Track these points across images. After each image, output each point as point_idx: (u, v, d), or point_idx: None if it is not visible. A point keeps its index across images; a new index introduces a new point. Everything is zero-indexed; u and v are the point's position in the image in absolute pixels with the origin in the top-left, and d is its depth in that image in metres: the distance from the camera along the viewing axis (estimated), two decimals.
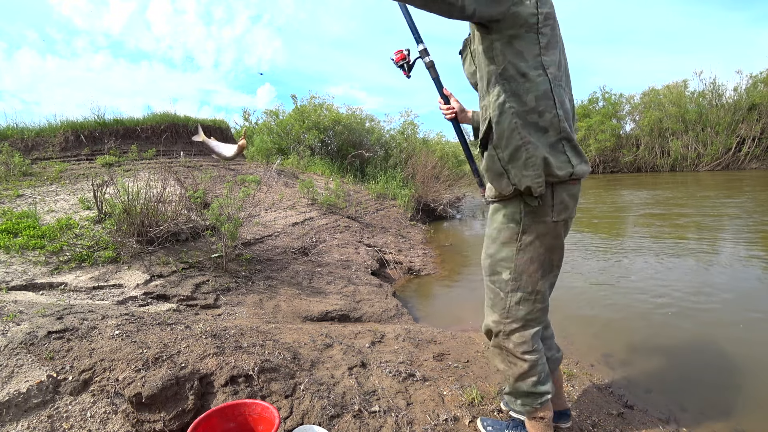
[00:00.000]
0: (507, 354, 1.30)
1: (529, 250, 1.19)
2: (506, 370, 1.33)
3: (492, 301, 1.30)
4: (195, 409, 1.44)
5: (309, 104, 12.17)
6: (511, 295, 1.23)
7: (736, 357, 2.35)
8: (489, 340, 1.36)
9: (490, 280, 1.28)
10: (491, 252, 1.25)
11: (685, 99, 20.89)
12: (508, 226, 1.20)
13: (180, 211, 3.63)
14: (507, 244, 1.21)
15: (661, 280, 3.73)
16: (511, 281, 1.22)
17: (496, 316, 1.28)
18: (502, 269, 1.23)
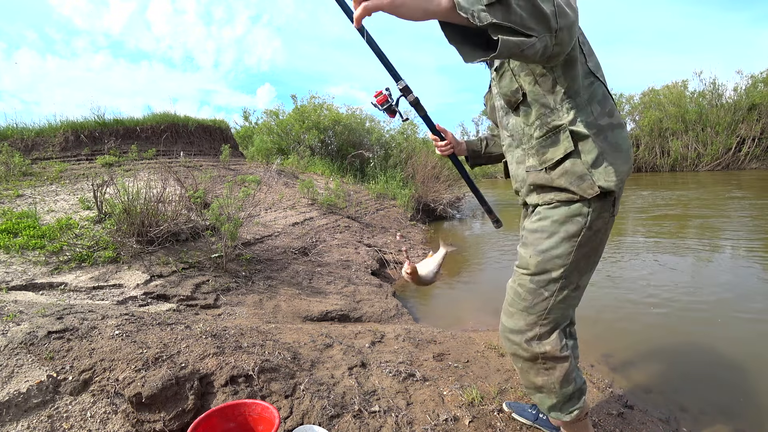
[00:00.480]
0: (544, 361, 1.22)
1: (587, 245, 1.15)
2: (547, 380, 1.24)
3: (529, 303, 1.20)
4: (195, 409, 1.44)
5: (309, 104, 12.17)
6: (557, 294, 1.17)
7: (737, 357, 2.35)
8: (514, 352, 1.25)
9: (534, 280, 1.18)
10: (544, 248, 1.16)
11: (685, 99, 20.90)
12: (574, 220, 1.14)
13: (180, 211, 3.63)
14: (568, 239, 1.14)
15: (662, 280, 3.73)
16: (561, 279, 1.16)
17: (532, 317, 1.20)
18: (553, 267, 1.15)
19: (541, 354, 1.21)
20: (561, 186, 1.14)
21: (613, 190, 1.10)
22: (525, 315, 1.21)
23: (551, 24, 0.80)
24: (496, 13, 0.74)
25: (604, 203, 1.14)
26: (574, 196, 1.13)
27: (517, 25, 0.76)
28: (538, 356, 1.22)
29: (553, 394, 1.26)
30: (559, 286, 1.17)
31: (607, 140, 1.12)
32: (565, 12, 0.83)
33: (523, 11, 0.76)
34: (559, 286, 1.17)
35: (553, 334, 1.21)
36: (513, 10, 0.75)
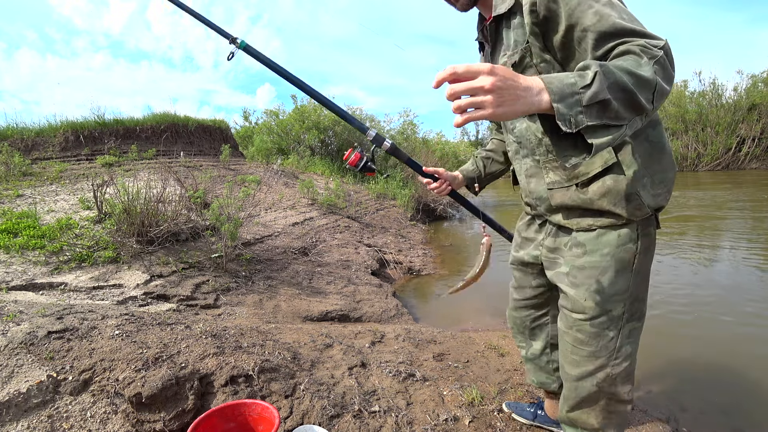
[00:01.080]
0: (608, 404, 1.11)
1: (642, 270, 1.03)
2: (606, 423, 1.13)
3: (596, 347, 1.06)
4: (195, 409, 1.44)
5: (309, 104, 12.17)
6: (623, 329, 1.05)
7: (737, 357, 2.35)
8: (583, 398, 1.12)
9: (596, 323, 1.04)
10: (600, 287, 1.01)
11: (684, 99, 20.91)
12: (625, 247, 1.00)
13: (180, 211, 3.63)
14: (623, 271, 1.01)
15: (662, 280, 3.73)
16: (625, 314, 1.04)
17: (601, 360, 1.07)
18: (614, 304, 1.02)
19: (610, 395, 1.10)
20: (603, 209, 0.98)
21: (664, 206, 0.99)
22: (594, 359, 1.08)
23: (647, 110, 0.73)
24: (592, 113, 0.67)
25: (650, 220, 1.02)
26: (620, 219, 0.98)
27: (612, 120, 0.69)
28: (606, 397, 1.11)
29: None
30: (625, 321, 1.06)
31: (649, 140, 0.97)
32: (664, 90, 0.74)
33: (620, 105, 0.69)
34: (624, 321, 1.06)
35: (625, 373, 1.10)
36: (611, 107, 0.68)
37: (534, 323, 1.41)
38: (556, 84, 0.66)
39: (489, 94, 0.61)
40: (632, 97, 0.70)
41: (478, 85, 0.61)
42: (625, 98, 0.69)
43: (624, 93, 0.69)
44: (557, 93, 0.66)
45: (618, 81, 0.68)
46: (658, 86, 0.72)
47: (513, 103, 0.63)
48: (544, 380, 1.48)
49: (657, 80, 0.71)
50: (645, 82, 0.70)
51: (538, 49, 0.92)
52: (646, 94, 0.71)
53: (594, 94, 0.66)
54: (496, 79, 0.61)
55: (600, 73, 0.67)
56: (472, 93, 0.62)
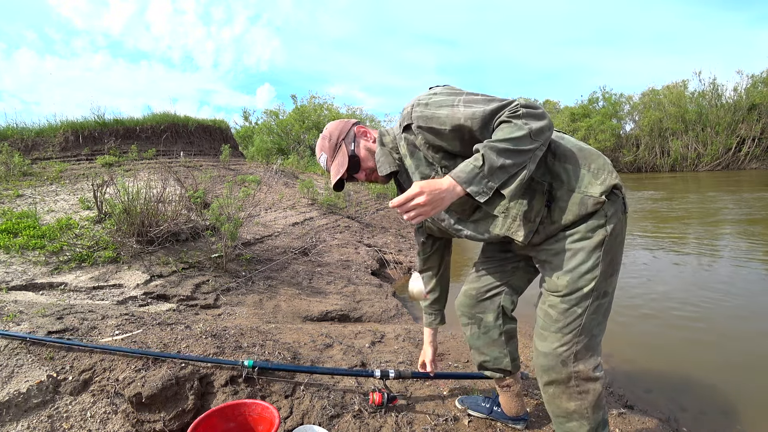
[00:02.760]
0: (577, 384, 1.18)
1: (611, 252, 1.14)
2: (580, 405, 1.19)
3: (563, 322, 1.16)
4: (195, 409, 1.44)
5: (309, 104, 12.19)
6: (590, 307, 1.15)
7: (737, 357, 2.35)
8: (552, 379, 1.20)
9: (567, 300, 1.15)
10: (572, 266, 1.13)
11: (685, 99, 20.92)
12: (595, 232, 1.12)
13: (180, 211, 3.63)
14: (593, 251, 1.12)
15: (662, 280, 3.73)
16: (593, 291, 1.13)
17: (567, 337, 1.16)
18: (584, 283, 1.13)
19: (575, 374, 1.17)
20: (570, 221, 1.13)
21: (616, 183, 1.11)
22: (561, 336, 1.18)
23: (535, 147, 0.99)
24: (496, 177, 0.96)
25: (615, 205, 1.13)
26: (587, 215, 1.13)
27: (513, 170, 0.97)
28: (572, 376, 1.18)
29: (585, 420, 1.21)
30: (592, 298, 1.14)
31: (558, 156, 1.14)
32: (539, 128, 0.98)
33: (512, 159, 0.96)
34: (592, 299, 1.14)
35: (587, 350, 1.18)
36: (506, 165, 0.96)
37: (486, 294, 1.46)
38: (462, 176, 0.97)
39: (425, 206, 0.96)
40: (516, 151, 0.96)
41: (416, 203, 0.96)
42: (512, 154, 0.96)
43: (509, 152, 0.96)
44: (465, 181, 0.96)
45: (501, 148, 0.96)
46: (532, 131, 0.97)
47: (441, 202, 0.97)
48: (497, 355, 1.49)
49: (529, 128, 0.97)
50: (519, 138, 0.96)
51: (440, 158, 1.16)
52: (525, 142, 0.97)
53: (490, 166, 0.95)
54: (426, 194, 0.95)
55: (486, 151, 0.95)
56: (414, 208, 0.97)
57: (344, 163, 1.23)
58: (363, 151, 1.27)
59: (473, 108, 1.04)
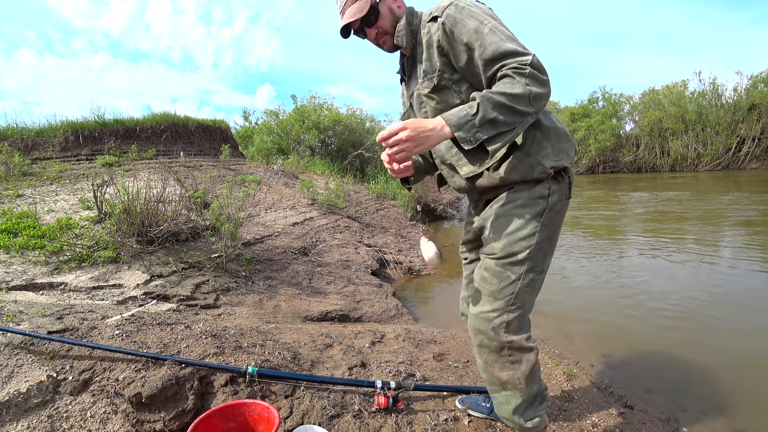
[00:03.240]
0: (510, 352, 1.19)
1: (549, 226, 1.18)
2: (512, 375, 1.20)
3: (497, 286, 1.18)
4: (195, 409, 1.44)
5: (309, 104, 12.18)
6: (524, 276, 1.16)
7: (737, 357, 2.35)
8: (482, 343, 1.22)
9: (501, 263, 1.17)
10: (510, 230, 1.16)
11: (684, 99, 20.89)
12: (536, 201, 1.16)
13: (180, 211, 3.63)
14: (531, 220, 1.16)
15: (662, 280, 3.73)
16: (527, 260, 1.15)
17: (499, 303, 1.18)
18: (520, 249, 1.15)
19: (508, 343, 1.18)
20: (515, 180, 1.17)
21: (566, 166, 1.17)
22: (492, 300, 1.19)
23: (530, 111, 1.00)
24: (486, 129, 0.97)
25: (561, 185, 1.19)
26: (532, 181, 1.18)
27: (503, 128, 0.98)
28: (505, 346, 1.19)
29: (518, 392, 1.22)
30: (525, 268, 1.17)
31: (541, 126, 1.17)
32: (538, 94, 0.99)
33: (505, 117, 0.97)
34: (525, 268, 1.17)
35: (519, 322, 1.19)
36: (498, 121, 0.97)
37: None
38: (453, 119, 0.98)
39: (407, 142, 0.97)
40: (512, 109, 0.97)
41: (398, 138, 0.97)
42: (507, 111, 0.97)
43: (504, 108, 0.96)
44: (455, 124, 0.97)
45: (497, 102, 0.96)
46: (531, 94, 0.98)
47: (425, 141, 0.98)
48: None
49: (529, 90, 0.97)
50: (518, 96, 0.97)
51: (449, 74, 1.17)
52: (522, 104, 0.97)
53: (482, 116, 0.96)
54: (410, 130, 0.97)
55: (482, 101, 0.96)
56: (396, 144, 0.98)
57: (364, 9, 1.18)
58: (385, 10, 1.22)
59: (493, 37, 1.03)
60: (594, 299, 3.38)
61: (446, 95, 1.19)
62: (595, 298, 3.42)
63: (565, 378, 2.07)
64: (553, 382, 2.03)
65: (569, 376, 2.10)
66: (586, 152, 22.62)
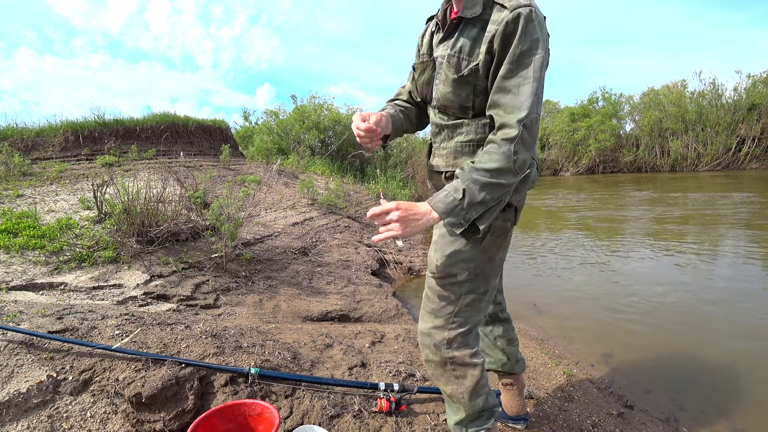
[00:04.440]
0: (453, 368, 1.19)
1: (490, 251, 1.16)
2: (456, 389, 1.20)
3: (437, 305, 1.19)
4: (195, 409, 1.44)
5: (309, 104, 12.18)
6: (463, 297, 1.16)
7: (737, 357, 2.35)
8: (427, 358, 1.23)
9: (441, 283, 1.18)
10: (450, 252, 1.15)
11: (684, 99, 20.91)
12: None
13: (180, 211, 3.63)
14: (472, 243, 1.14)
15: (662, 280, 3.73)
16: (467, 282, 1.15)
17: (439, 321, 1.18)
18: (459, 270, 1.15)
19: (450, 359, 1.18)
20: None
21: (514, 205, 1.17)
22: (433, 318, 1.20)
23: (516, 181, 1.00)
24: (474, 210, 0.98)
25: (506, 213, 1.17)
26: None
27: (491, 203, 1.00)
28: (447, 361, 1.19)
29: (462, 405, 1.21)
30: (465, 289, 1.16)
31: None
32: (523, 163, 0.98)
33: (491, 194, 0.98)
34: (464, 289, 1.16)
35: (462, 338, 1.18)
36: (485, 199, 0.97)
37: None
38: (440, 206, 0.98)
39: (398, 222, 0.96)
40: (498, 185, 0.98)
41: (389, 218, 0.97)
42: (493, 188, 0.97)
43: (490, 186, 0.97)
44: (443, 212, 0.97)
45: (483, 183, 0.96)
46: (517, 163, 0.97)
47: (414, 224, 0.97)
48: (500, 357, 1.54)
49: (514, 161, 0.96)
50: (503, 171, 0.97)
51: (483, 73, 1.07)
52: (508, 176, 0.98)
53: (470, 201, 0.96)
54: (401, 212, 0.96)
55: (468, 184, 0.96)
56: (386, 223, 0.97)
57: None
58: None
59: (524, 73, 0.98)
60: (594, 299, 3.39)
61: (463, 89, 1.11)
62: (595, 298, 3.42)
63: (565, 378, 2.07)
64: (553, 382, 2.03)
65: (569, 376, 2.10)
66: (586, 152, 22.63)
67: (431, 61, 1.21)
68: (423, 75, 1.24)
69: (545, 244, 5.48)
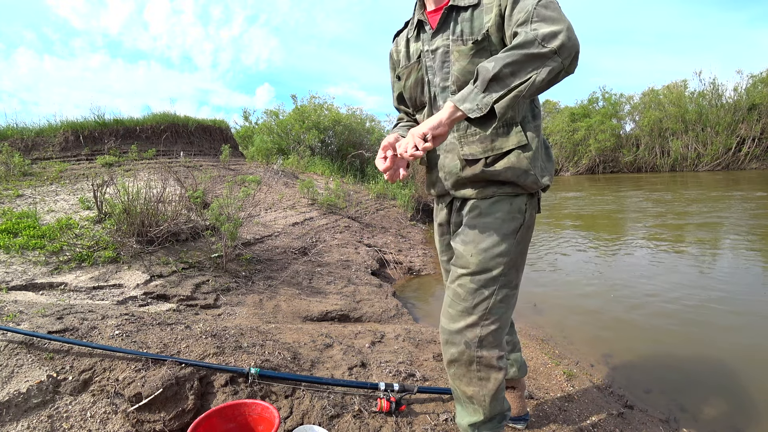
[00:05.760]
0: (478, 369, 1.16)
1: (522, 242, 1.17)
2: (479, 391, 1.17)
3: (470, 302, 1.15)
4: (195, 409, 1.44)
5: (309, 104, 12.18)
6: (497, 292, 1.14)
7: (737, 357, 2.35)
8: (453, 357, 1.18)
9: (474, 279, 1.14)
10: (486, 246, 1.13)
11: (684, 99, 20.91)
12: (514, 216, 1.15)
13: (180, 211, 3.63)
14: (508, 236, 1.13)
15: (662, 280, 3.73)
16: (501, 276, 1.13)
17: (473, 318, 1.14)
18: (495, 265, 1.12)
19: (478, 358, 1.15)
20: (507, 179, 1.13)
21: (549, 185, 1.17)
22: (466, 316, 1.15)
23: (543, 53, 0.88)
24: (494, 89, 0.89)
25: (534, 201, 1.19)
26: (517, 190, 1.16)
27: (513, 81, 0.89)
28: (474, 360, 1.15)
29: (481, 408, 1.19)
30: (500, 284, 1.14)
31: (543, 140, 1.19)
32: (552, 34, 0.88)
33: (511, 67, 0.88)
34: (499, 284, 1.14)
35: (494, 338, 1.15)
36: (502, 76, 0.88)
37: None
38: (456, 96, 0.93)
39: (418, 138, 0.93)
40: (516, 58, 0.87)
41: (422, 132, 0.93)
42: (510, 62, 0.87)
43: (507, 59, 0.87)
44: (459, 99, 0.92)
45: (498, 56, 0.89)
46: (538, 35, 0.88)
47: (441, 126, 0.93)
48: None
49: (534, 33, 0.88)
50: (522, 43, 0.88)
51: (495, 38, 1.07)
52: (532, 47, 0.88)
53: (483, 78, 0.89)
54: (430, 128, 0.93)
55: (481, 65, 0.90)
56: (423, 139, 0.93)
57: None
58: None
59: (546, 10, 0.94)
60: (594, 299, 3.39)
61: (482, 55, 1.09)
62: (595, 298, 3.42)
63: (565, 378, 2.07)
64: (553, 382, 2.03)
65: (569, 376, 2.10)
66: (586, 152, 22.63)
67: (416, 62, 1.23)
68: (410, 78, 1.25)
69: (545, 244, 5.49)
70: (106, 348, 1.57)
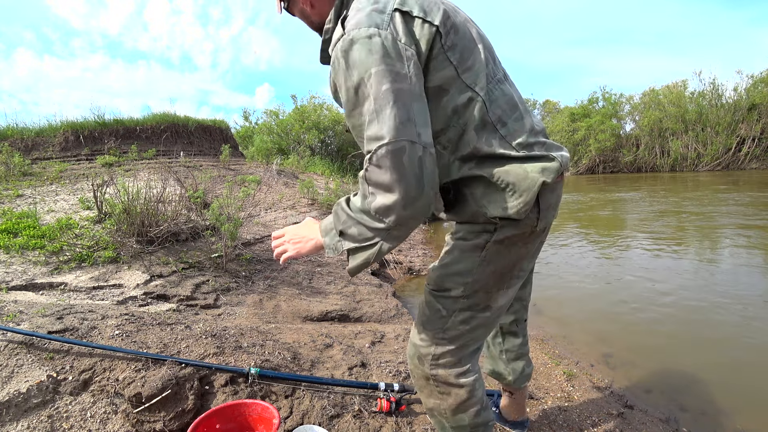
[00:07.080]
0: (436, 384, 1.10)
1: (495, 262, 1.00)
2: (438, 404, 1.12)
3: (427, 318, 1.08)
4: (195, 409, 1.44)
5: (309, 104, 12.19)
6: (456, 314, 1.05)
7: (737, 357, 2.35)
8: (413, 368, 1.14)
9: (434, 294, 1.07)
10: (445, 263, 1.05)
11: (684, 99, 20.92)
12: (478, 234, 1.00)
13: (180, 211, 3.63)
14: (469, 254, 1.00)
15: (662, 280, 3.73)
16: (462, 298, 1.03)
17: (428, 334, 1.08)
18: (453, 285, 1.03)
19: (433, 376, 1.09)
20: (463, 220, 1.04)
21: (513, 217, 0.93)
22: (421, 329, 1.10)
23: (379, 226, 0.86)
24: (347, 240, 0.90)
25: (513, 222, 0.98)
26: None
27: (359, 243, 0.89)
28: (430, 377, 1.10)
29: (444, 420, 1.14)
30: (459, 306, 1.04)
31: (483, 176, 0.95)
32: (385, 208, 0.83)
33: (356, 230, 0.88)
34: (459, 306, 1.04)
35: (452, 356, 1.07)
36: (350, 235, 0.89)
37: None
38: (324, 224, 0.95)
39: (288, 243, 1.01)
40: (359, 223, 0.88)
41: (281, 240, 1.03)
42: (355, 225, 0.88)
43: (352, 221, 0.88)
44: (323, 229, 0.95)
45: (348, 213, 0.90)
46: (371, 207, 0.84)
47: (304, 245, 0.99)
48: (501, 370, 1.49)
49: (367, 202, 0.85)
50: (361, 211, 0.87)
51: None
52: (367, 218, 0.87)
53: (340, 229, 0.90)
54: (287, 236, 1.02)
55: (336, 209, 0.92)
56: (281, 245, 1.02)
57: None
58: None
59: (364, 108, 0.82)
60: (594, 299, 3.39)
61: None
62: (595, 298, 3.42)
63: (565, 378, 2.07)
64: (553, 382, 2.03)
65: (569, 376, 2.10)
66: (586, 152, 22.64)
67: None
68: None
69: (544, 243, 5.49)
70: (106, 348, 1.57)
